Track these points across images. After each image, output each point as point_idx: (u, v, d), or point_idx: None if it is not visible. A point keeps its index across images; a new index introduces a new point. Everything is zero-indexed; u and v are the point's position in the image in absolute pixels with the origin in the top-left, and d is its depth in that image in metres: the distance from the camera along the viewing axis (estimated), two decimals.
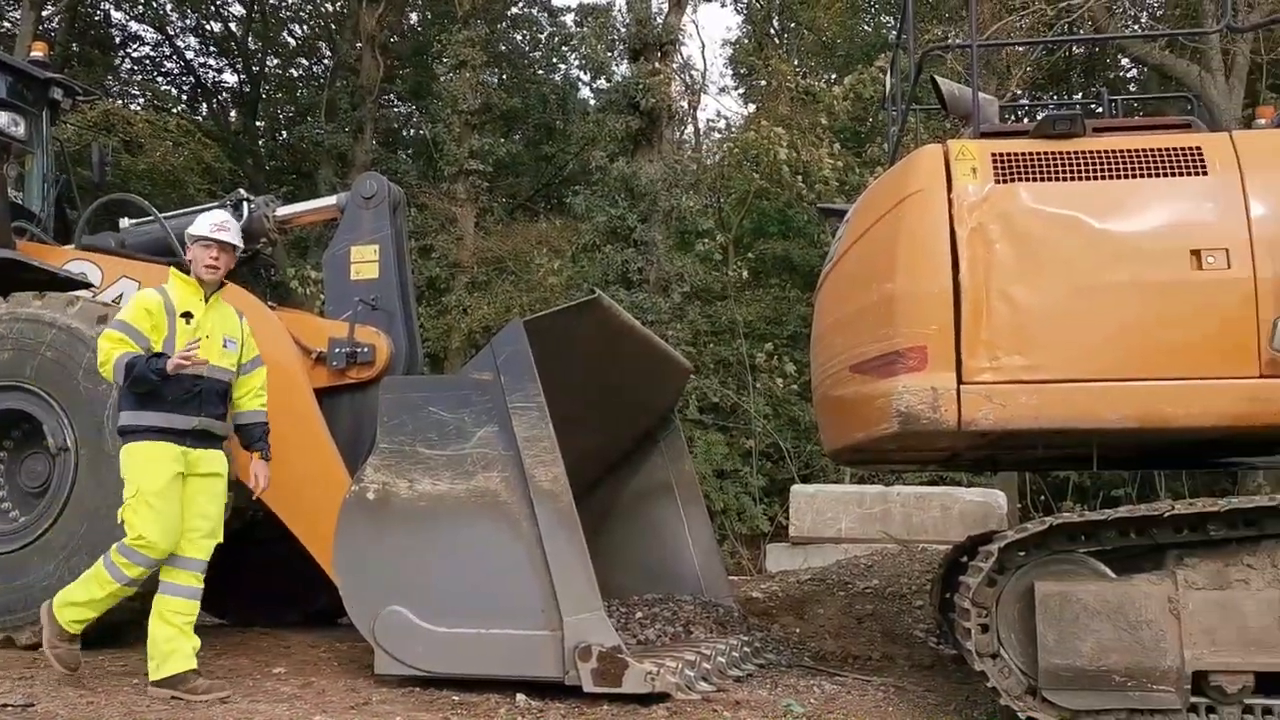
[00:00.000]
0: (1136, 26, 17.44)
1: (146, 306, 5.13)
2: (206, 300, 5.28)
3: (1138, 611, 4.52)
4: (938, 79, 5.83)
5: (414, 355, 6.93)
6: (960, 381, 4.62)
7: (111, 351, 5.02)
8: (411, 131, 25.98)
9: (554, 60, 25.40)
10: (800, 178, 15.64)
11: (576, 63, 24.28)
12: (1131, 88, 19.78)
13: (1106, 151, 4.81)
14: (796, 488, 11.52)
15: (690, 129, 21.79)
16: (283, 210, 7.65)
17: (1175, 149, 4.77)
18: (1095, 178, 4.76)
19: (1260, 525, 4.57)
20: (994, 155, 4.86)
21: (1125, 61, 19.88)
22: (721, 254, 17.10)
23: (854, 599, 8.05)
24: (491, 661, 5.13)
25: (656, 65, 16.93)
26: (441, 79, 20.06)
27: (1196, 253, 4.57)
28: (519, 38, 25.48)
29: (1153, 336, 4.55)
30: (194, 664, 5.10)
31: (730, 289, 17.17)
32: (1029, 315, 4.62)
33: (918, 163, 5.00)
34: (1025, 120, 6.22)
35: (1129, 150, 4.80)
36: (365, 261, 6.85)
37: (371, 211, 6.95)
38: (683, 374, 7.67)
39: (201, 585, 5.19)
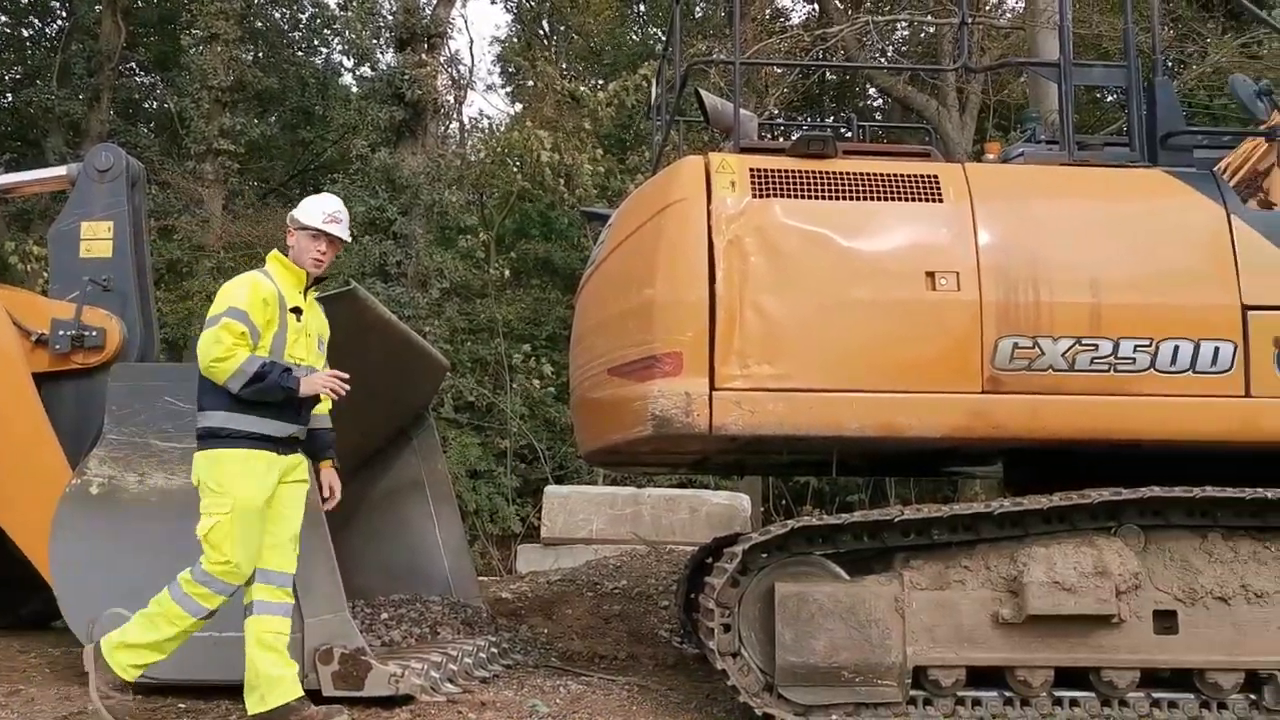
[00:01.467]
0: (883, 59, 18.52)
1: (264, 296, 4.52)
2: (304, 293, 4.75)
3: (867, 611, 4.77)
4: (702, 92, 5.98)
5: (149, 341, 6.52)
6: (713, 388, 4.75)
7: (236, 349, 4.39)
8: (155, 104, 24.40)
9: (315, 43, 24.49)
10: (563, 181, 15.73)
11: (339, 47, 23.52)
12: (877, 116, 20.99)
13: (854, 173, 5.06)
14: (550, 489, 11.56)
15: (455, 124, 21.51)
16: (4, 179, 7.03)
17: (915, 176, 5.09)
18: (843, 198, 5.00)
19: (977, 530, 4.92)
20: (752, 170, 5.03)
21: (872, 91, 21.10)
22: (484, 252, 16.97)
23: (602, 599, 8.14)
24: (224, 666, 4.88)
25: (423, 57, 16.61)
26: (190, 51, 18.94)
27: (931, 274, 4.88)
28: (278, 15, 24.43)
29: (890, 351, 4.82)
30: (300, 690, 4.55)
31: (491, 288, 17.05)
32: (779, 326, 4.80)
33: (680, 173, 5.11)
34: (781, 139, 6.49)
35: (875, 174, 5.07)
36: (97, 239, 6.37)
37: (106, 185, 6.48)
38: (439, 371, 7.56)
39: (293, 601, 4.61)
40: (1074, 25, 6.30)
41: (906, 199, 5.02)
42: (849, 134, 7.02)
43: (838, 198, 5.00)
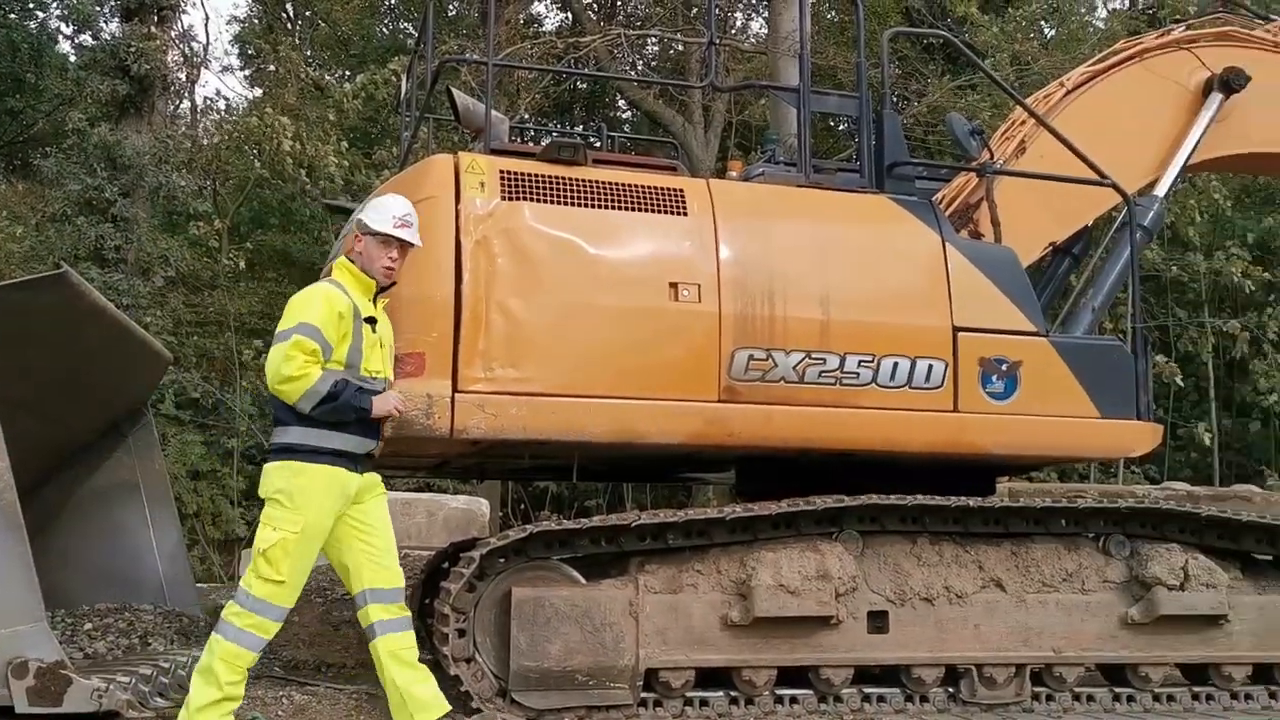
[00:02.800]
0: (634, 72, 18.90)
1: (339, 310, 4.28)
2: (374, 300, 4.49)
3: (602, 614, 4.83)
4: (453, 91, 5.90)
5: None
6: (455, 390, 4.68)
7: (308, 369, 4.16)
8: None
9: (30, 5, 22.53)
10: (305, 171, 15.14)
11: (57, 12, 21.72)
12: (626, 128, 21.39)
13: (604, 182, 5.12)
14: None
15: (187, 104, 20.29)
16: None
17: (661, 188, 5.20)
18: (592, 205, 5.05)
19: (709, 535, 5.08)
20: (502, 172, 4.99)
21: (622, 103, 21.46)
22: (216, 241, 16.08)
23: (332, 606, 7.87)
24: None
25: (152, 29, 15.57)
26: None
27: (674, 285, 5.00)
28: None
29: (633, 358, 4.91)
30: (447, 705, 4.37)
31: (222, 278, 16.19)
32: (524, 330, 4.79)
33: (429, 170, 5.02)
34: (532, 144, 6.49)
35: (623, 184, 5.15)
36: None
37: None
38: (159, 365, 7.08)
39: (409, 614, 4.48)
40: (812, 56, 6.63)
41: (653, 210, 5.12)
42: (598, 143, 7.12)
43: (586, 205, 5.04)
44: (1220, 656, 5.50)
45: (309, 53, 20.86)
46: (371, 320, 4.45)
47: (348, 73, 19.19)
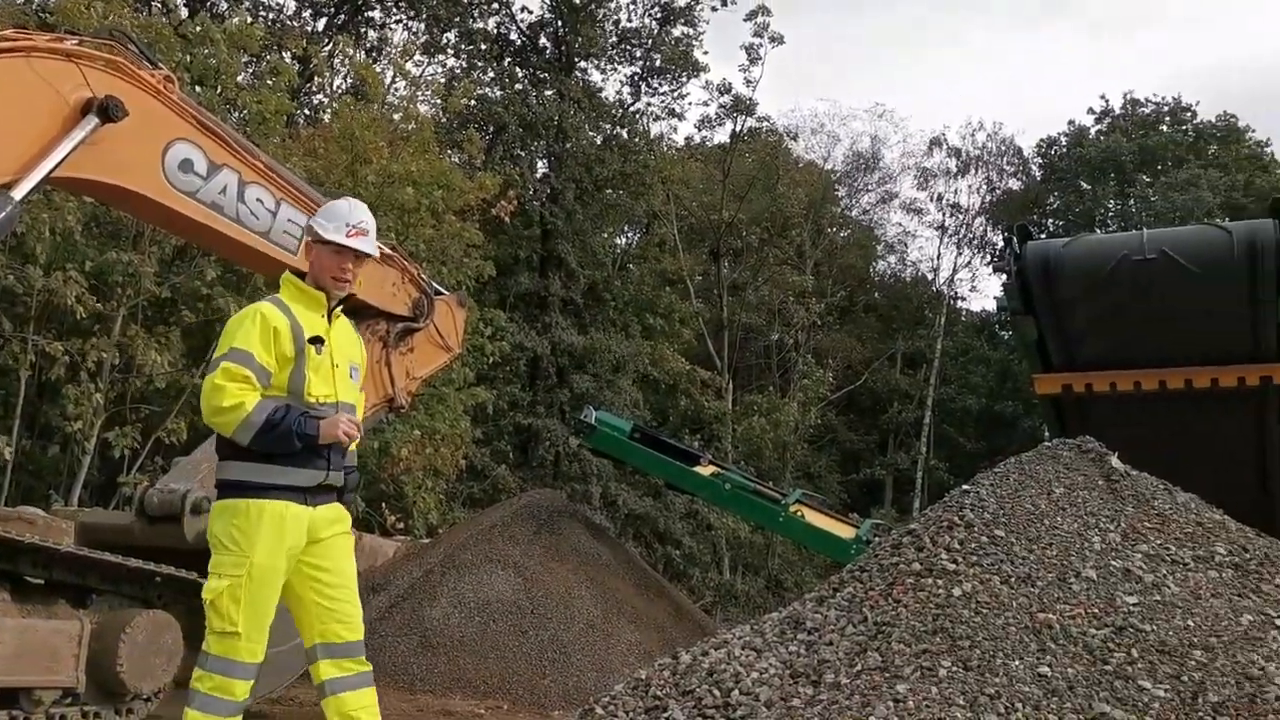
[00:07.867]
0: None
1: (274, 327, 3.99)
2: (329, 317, 4.18)
3: None
4: None
5: None
6: None
7: (242, 398, 3.87)
8: None
9: None
10: None
11: None
12: None
13: None
14: None
15: None
16: None
17: None
18: None
19: None
20: None
21: None
22: None
23: None
24: None
25: None
26: None
27: None
28: None
29: None
30: None
31: None
32: None
33: None
34: None
35: None
36: None
37: None
38: None
39: (370, 668, 4.09)
40: None
41: None
42: None
43: None
44: None
45: None
46: (317, 340, 4.09)
47: None
